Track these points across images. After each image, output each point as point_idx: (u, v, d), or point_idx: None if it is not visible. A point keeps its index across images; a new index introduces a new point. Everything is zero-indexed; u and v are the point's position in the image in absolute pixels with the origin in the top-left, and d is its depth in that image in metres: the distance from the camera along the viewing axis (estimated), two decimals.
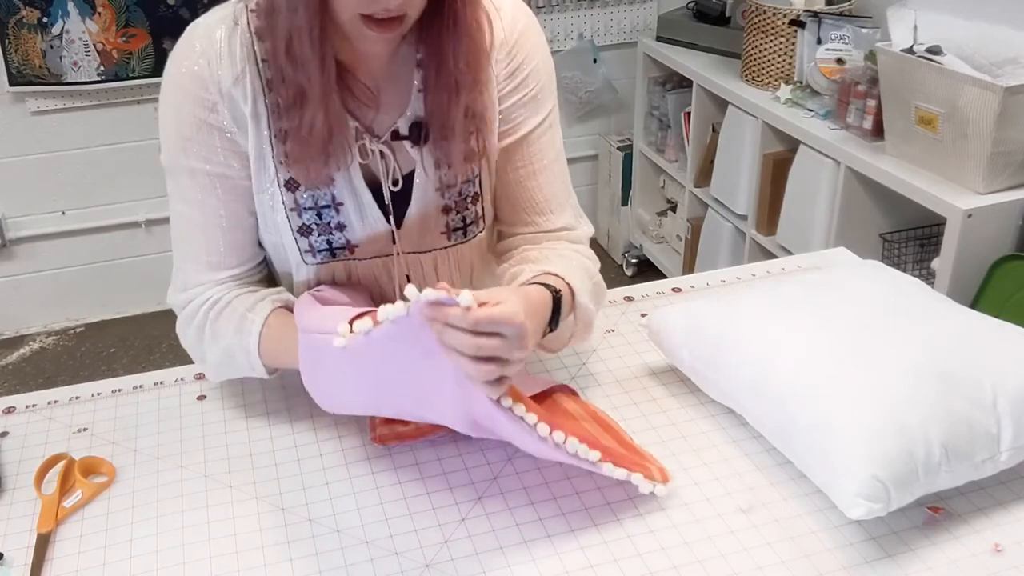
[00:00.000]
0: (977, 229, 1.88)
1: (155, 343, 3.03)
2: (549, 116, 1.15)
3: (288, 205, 1.07)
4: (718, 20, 2.83)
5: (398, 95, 1.07)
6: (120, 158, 2.97)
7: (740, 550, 0.91)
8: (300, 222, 1.08)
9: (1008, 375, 0.97)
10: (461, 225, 1.14)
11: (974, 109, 1.83)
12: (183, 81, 1.03)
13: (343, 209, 1.08)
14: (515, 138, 1.13)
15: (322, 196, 1.07)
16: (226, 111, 1.03)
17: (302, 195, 1.07)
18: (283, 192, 1.07)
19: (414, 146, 1.08)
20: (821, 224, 2.28)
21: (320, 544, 0.93)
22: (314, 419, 1.11)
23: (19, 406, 1.16)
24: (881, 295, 1.12)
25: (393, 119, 1.08)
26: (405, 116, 1.08)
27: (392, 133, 1.08)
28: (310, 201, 1.07)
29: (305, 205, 1.08)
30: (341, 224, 1.09)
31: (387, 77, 1.07)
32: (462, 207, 1.13)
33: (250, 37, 1.03)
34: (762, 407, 1.02)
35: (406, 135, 1.08)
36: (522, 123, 1.13)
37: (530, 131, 1.13)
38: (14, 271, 3.06)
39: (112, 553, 0.94)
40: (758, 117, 2.46)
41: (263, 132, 1.04)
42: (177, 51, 1.04)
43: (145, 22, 2.79)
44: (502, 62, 1.10)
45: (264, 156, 1.05)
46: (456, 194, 1.12)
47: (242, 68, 1.02)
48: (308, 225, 1.09)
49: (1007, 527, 0.93)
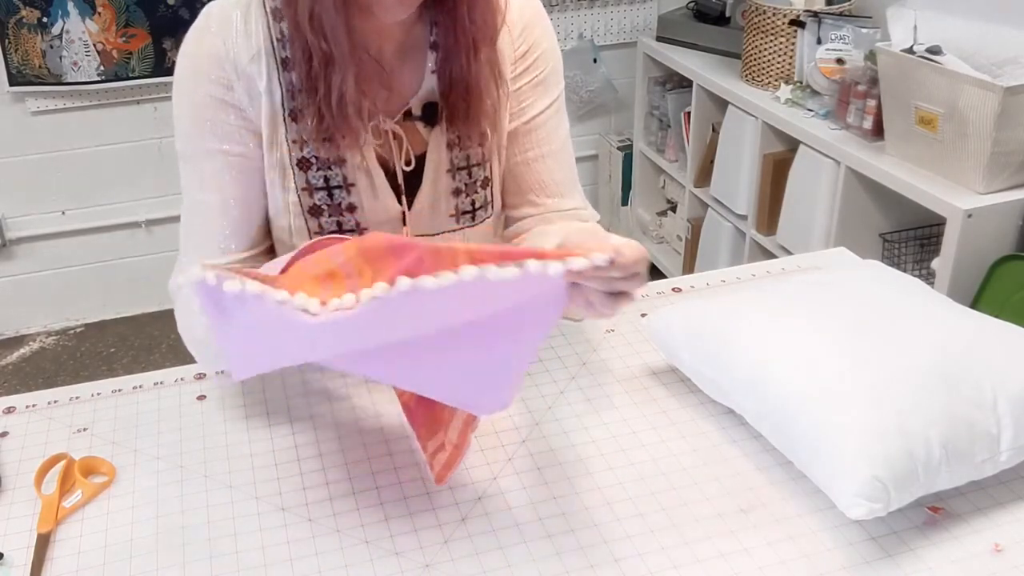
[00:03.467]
0: (977, 229, 1.88)
1: (155, 343, 3.03)
2: (557, 101, 1.17)
3: (300, 185, 1.08)
4: (718, 20, 2.83)
5: (411, 75, 1.09)
6: (120, 158, 2.98)
7: (740, 550, 0.91)
8: (311, 202, 1.09)
9: (1008, 375, 0.97)
10: (470, 209, 1.15)
11: (974, 109, 1.83)
12: (199, 62, 1.04)
13: (354, 190, 1.09)
14: (524, 120, 1.14)
15: (334, 176, 1.08)
16: (242, 89, 1.04)
17: (314, 175, 1.08)
18: (295, 171, 1.07)
19: (427, 127, 1.09)
20: (821, 224, 2.28)
21: (320, 544, 0.93)
22: (314, 419, 1.11)
23: (19, 406, 1.16)
24: (881, 295, 1.12)
25: (406, 100, 1.09)
26: (418, 96, 1.09)
27: (405, 114, 1.09)
28: (321, 181, 1.08)
29: (317, 185, 1.08)
30: (352, 205, 1.10)
31: (400, 56, 1.07)
32: (472, 190, 1.14)
33: (265, 17, 1.04)
34: (762, 407, 1.02)
35: (419, 116, 1.09)
36: (531, 105, 1.14)
37: (539, 113, 1.15)
38: (14, 271, 3.06)
39: (112, 553, 0.94)
40: (758, 117, 2.46)
41: (277, 110, 1.05)
42: (192, 33, 1.06)
43: (145, 22, 2.79)
44: (514, 43, 1.12)
45: (277, 134, 1.06)
46: (467, 176, 1.13)
47: (258, 47, 1.04)
48: (319, 206, 1.09)
49: (1007, 527, 0.93)
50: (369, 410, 1.12)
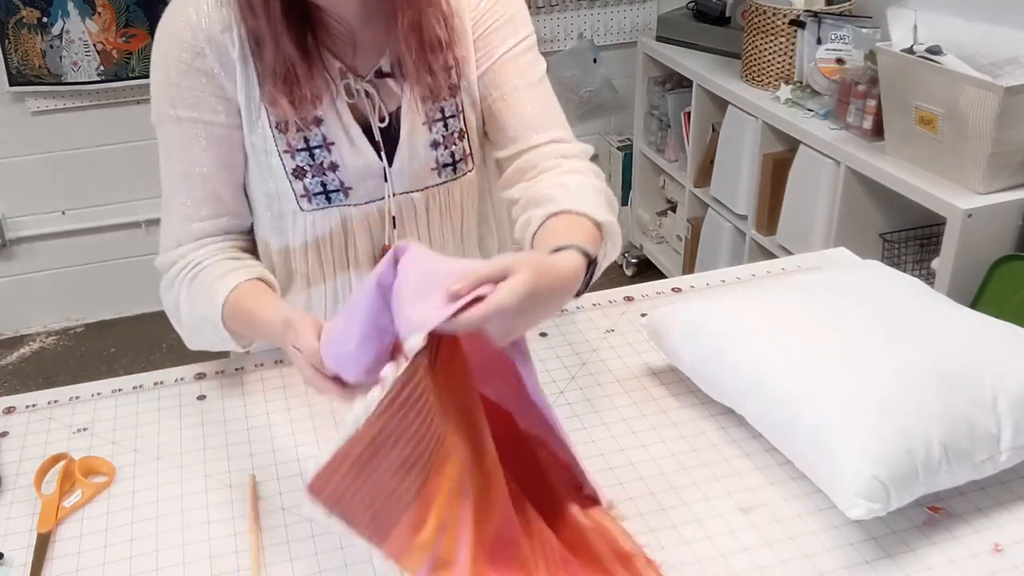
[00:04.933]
0: (977, 229, 1.88)
1: (155, 343, 3.03)
2: (525, 41, 1.20)
3: (281, 148, 1.12)
4: (718, 20, 2.83)
5: (376, 34, 1.12)
6: (120, 158, 2.98)
7: (740, 550, 0.91)
8: (294, 164, 1.13)
9: (1008, 375, 0.97)
10: (451, 161, 1.19)
11: (974, 109, 1.83)
12: (172, 29, 1.09)
13: (334, 148, 1.13)
14: (493, 60, 1.18)
15: (313, 136, 1.12)
16: (213, 56, 1.08)
17: (293, 136, 1.11)
18: (275, 134, 1.11)
19: (398, 83, 1.14)
20: (821, 224, 2.28)
21: (320, 544, 0.93)
22: (314, 419, 1.11)
23: (19, 406, 1.16)
24: (881, 295, 1.12)
25: (375, 59, 1.13)
26: (386, 55, 1.13)
27: (376, 72, 1.13)
28: (302, 142, 1.12)
29: (297, 146, 1.12)
30: (334, 164, 1.13)
31: (363, 17, 1.11)
32: (450, 142, 1.18)
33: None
34: (762, 407, 1.02)
35: (389, 72, 1.14)
36: (498, 45, 1.18)
37: (507, 51, 1.18)
38: (14, 271, 3.06)
39: (112, 553, 0.94)
40: (758, 117, 2.46)
41: (251, 75, 1.09)
42: (167, 12, 1.10)
43: (145, 22, 2.79)
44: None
45: (253, 99, 1.10)
46: (444, 128, 1.17)
47: (229, 20, 1.08)
48: (302, 167, 1.13)
49: (1007, 527, 0.93)
50: None
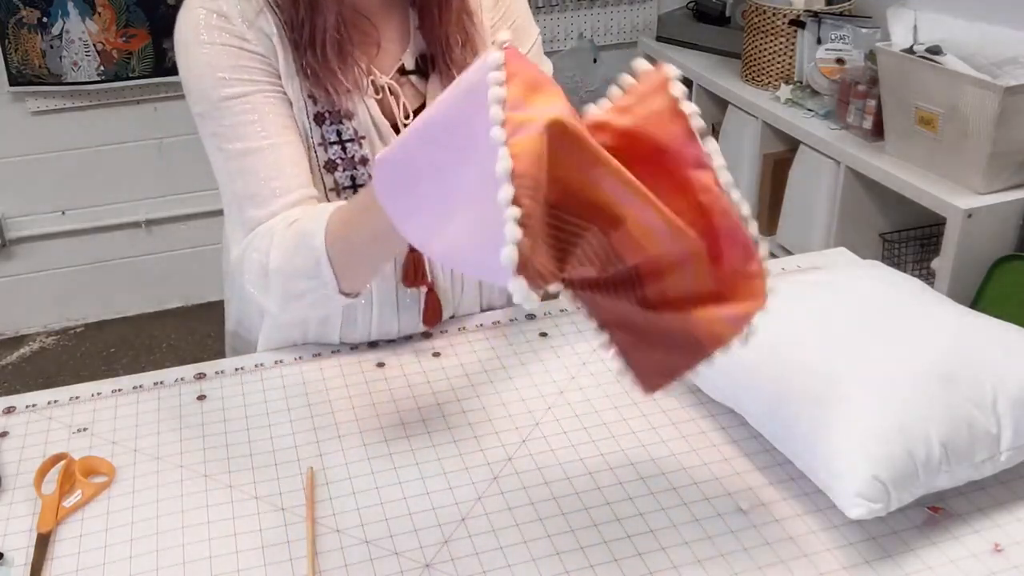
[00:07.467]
0: (977, 229, 1.88)
1: (155, 343, 3.03)
2: (535, 45, 1.22)
3: (316, 140, 1.12)
4: (718, 20, 2.83)
5: (397, 32, 1.14)
6: (120, 158, 2.97)
7: (740, 550, 0.91)
8: (327, 157, 1.13)
9: (1008, 375, 0.97)
10: None
11: (974, 109, 1.83)
12: (209, 21, 1.07)
13: (365, 142, 1.14)
14: None
15: (346, 130, 1.12)
16: (255, 40, 1.07)
17: (328, 129, 1.12)
18: (312, 125, 1.11)
19: (421, 79, 1.15)
20: (821, 224, 2.28)
21: (320, 544, 0.93)
22: (314, 419, 1.11)
23: (19, 406, 1.16)
24: (881, 295, 1.12)
25: (397, 56, 1.14)
26: (408, 52, 1.14)
27: (399, 70, 1.15)
28: (335, 135, 1.12)
29: (331, 139, 1.13)
30: (364, 158, 1.14)
31: (384, 15, 1.12)
32: None
33: None
34: (762, 407, 1.02)
35: (412, 69, 1.15)
36: None
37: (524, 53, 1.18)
38: (14, 271, 3.06)
39: (112, 553, 0.94)
40: (758, 117, 2.46)
41: (291, 64, 1.09)
42: (187, 8, 1.09)
43: (145, 22, 2.79)
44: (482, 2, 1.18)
45: (292, 90, 1.10)
46: None
47: (259, 8, 1.08)
48: (333, 161, 1.13)
49: (1007, 527, 0.93)
50: (369, 410, 1.12)
